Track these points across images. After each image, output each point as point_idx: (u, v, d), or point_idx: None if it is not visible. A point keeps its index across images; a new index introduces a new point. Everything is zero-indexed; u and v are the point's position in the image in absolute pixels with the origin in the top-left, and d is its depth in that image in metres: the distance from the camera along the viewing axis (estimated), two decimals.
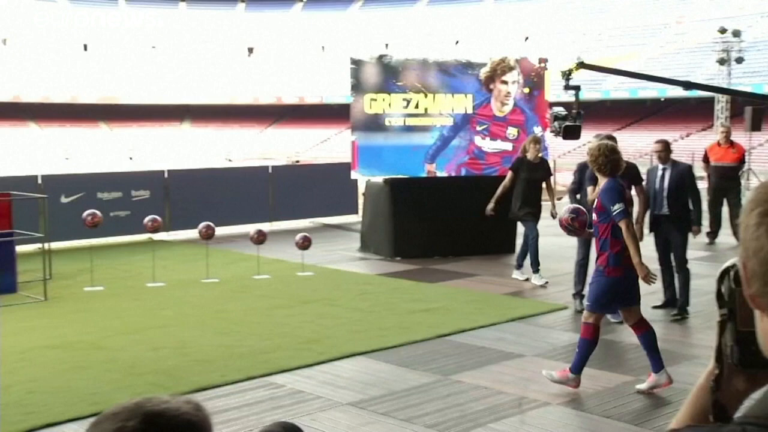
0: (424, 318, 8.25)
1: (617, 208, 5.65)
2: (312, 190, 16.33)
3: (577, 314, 8.09)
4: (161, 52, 63.91)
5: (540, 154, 10.21)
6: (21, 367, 6.52)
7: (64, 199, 13.27)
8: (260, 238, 10.84)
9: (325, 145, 55.51)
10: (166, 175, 14.90)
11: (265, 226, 12.47)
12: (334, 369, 6.58)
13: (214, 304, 9.01)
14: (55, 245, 11.40)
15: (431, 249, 12.00)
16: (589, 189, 7.63)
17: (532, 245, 9.96)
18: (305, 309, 8.78)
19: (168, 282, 10.30)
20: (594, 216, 5.94)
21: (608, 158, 5.79)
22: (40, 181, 13.23)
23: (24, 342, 7.34)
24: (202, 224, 10.73)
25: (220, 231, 11.73)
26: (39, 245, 12.35)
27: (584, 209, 6.25)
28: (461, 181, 12.36)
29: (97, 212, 10.30)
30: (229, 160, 49.52)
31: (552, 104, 11.22)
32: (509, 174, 10.25)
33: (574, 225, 6.08)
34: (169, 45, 64.44)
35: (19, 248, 10.17)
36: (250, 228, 11.54)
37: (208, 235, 10.73)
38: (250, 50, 66.40)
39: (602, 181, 5.87)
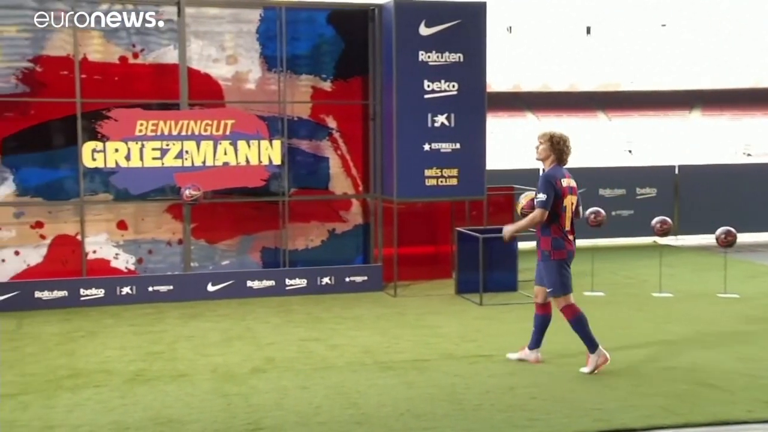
0: None
1: (540, 197, 6.96)
2: None
3: None
4: (671, 32, 63.15)
5: None
6: (523, 369, 7.06)
7: None
8: None
9: None
10: (676, 171, 14.72)
11: None
12: None
13: (731, 324, 8.62)
14: None
15: None
16: None
17: None
18: None
19: (676, 293, 10.14)
20: (535, 201, 7.10)
21: (556, 146, 7.07)
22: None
23: (525, 344, 7.88)
24: (721, 229, 10.28)
25: (741, 238, 11.11)
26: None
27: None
28: None
29: (601, 210, 10.57)
30: (748, 155, 46.84)
31: None
32: None
33: (528, 212, 7.26)
34: (680, 22, 63.33)
35: (519, 245, 10.94)
36: None
37: (727, 243, 10.25)
38: None
39: (547, 166, 7.11)
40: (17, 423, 5.80)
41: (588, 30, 64.47)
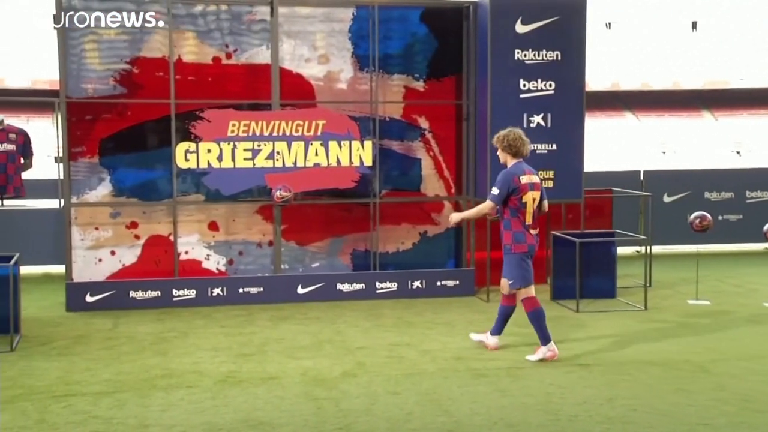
0: None
1: (493, 191, 7.56)
2: None
3: None
4: None
5: None
6: (622, 380, 6.93)
7: (666, 199, 13.69)
8: None
9: None
10: None
11: None
12: None
13: None
14: (655, 249, 11.78)
15: None
16: None
17: None
18: None
19: None
20: (488, 194, 7.70)
21: (504, 145, 7.61)
22: (641, 178, 13.86)
23: (624, 353, 7.78)
24: None
25: None
26: (637, 248, 13.00)
27: None
28: None
29: (707, 215, 10.33)
30: None
31: None
32: None
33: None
34: None
35: (618, 250, 10.76)
36: None
37: None
38: None
39: (509, 164, 7.63)
40: (114, 420, 6.02)
41: (694, 25, 62.74)
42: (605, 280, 10.35)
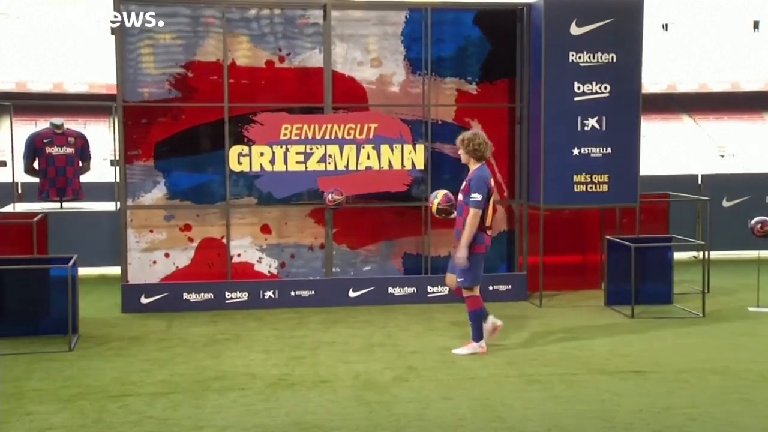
0: None
1: (475, 197, 7.71)
2: None
3: None
4: None
5: None
6: (680, 388, 6.83)
7: (725, 203, 13.47)
8: None
9: None
10: None
11: None
12: None
13: None
14: (714, 255, 11.58)
15: None
16: None
17: None
18: None
19: None
20: (460, 197, 7.90)
21: (469, 149, 7.89)
22: (699, 182, 13.65)
23: (681, 361, 7.67)
24: None
25: None
26: (694, 254, 12.80)
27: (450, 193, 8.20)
28: None
29: None
30: None
31: None
32: None
33: (445, 207, 8.17)
34: None
35: (674, 255, 10.60)
36: None
37: None
38: None
39: (473, 167, 7.89)
40: (169, 421, 6.12)
41: (756, 25, 61.50)
42: (661, 285, 10.21)
